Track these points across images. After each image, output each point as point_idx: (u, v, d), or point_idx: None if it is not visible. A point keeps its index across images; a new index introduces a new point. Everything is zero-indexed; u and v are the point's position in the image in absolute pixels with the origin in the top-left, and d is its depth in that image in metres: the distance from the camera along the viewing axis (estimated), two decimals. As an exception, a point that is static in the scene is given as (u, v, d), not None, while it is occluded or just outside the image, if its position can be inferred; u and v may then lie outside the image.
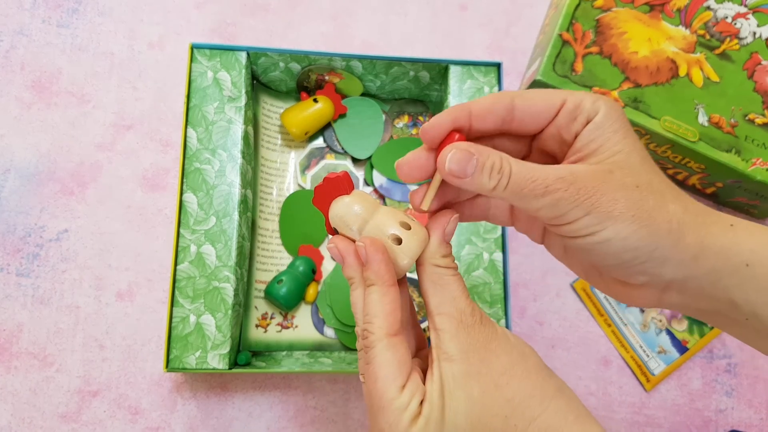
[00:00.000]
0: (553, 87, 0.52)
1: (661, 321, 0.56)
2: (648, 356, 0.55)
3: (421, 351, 0.32)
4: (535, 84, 0.52)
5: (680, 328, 0.56)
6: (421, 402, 0.26)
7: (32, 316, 0.51)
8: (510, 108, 0.27)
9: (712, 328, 0.56)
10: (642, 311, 0.56)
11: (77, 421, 0.50)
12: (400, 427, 0.26)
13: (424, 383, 0.28)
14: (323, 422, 0.52)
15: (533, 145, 0.30)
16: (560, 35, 0.53)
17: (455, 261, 0.29)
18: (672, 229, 0.25)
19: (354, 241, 0.29)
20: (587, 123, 0.26)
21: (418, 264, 0.29)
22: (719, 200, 0.58)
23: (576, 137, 0.27)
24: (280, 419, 0.51)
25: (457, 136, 0.27)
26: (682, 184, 0.58)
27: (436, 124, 0.27)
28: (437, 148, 0.28)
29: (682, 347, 0.55)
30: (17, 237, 0.52)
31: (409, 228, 0.29)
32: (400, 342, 0.27)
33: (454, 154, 0.26)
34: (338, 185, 0.30)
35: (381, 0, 0.61)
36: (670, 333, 0.56)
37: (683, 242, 0.25)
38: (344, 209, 0.29)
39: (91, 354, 0.51)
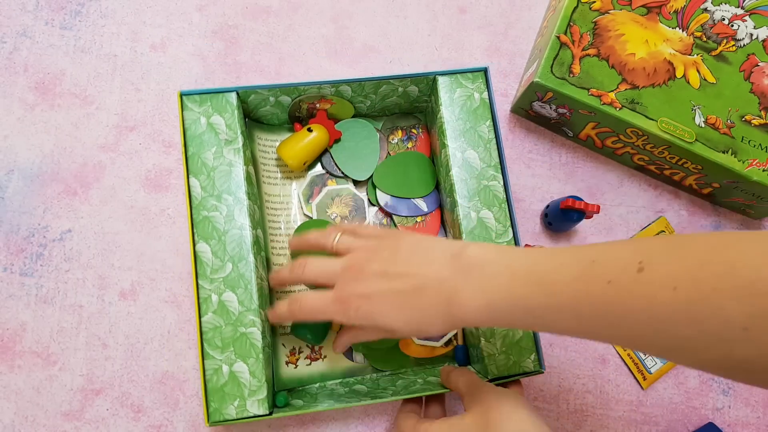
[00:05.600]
0: (552, 89, 0.52)
1: (658, 320, 0.56)
2: (645, 354, 0.55)
3: None
4: (533, 86, 0.53)
5: (677, 327, 0.56)
6: None
7: (36, 316, 0.52)
8: None
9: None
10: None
11: (80, 420, 0.50)
12: None
13: None
14: None
15: None
16: (558, 37, 0.53)
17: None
18: None
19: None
20: None
21: None
22: (716, 201, 0.59)
23: None
24: None
25: None
26: (679, 184, 0.59)
27: None
28: None
29: (679, 346, 0.56)
30: (21, 237, 0.53)
31: None
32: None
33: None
34: None
35: (381, 3, 0.62)
36: (667, 332, 0.56)
37: None
38: None
39: (94, 353, 0.52)
